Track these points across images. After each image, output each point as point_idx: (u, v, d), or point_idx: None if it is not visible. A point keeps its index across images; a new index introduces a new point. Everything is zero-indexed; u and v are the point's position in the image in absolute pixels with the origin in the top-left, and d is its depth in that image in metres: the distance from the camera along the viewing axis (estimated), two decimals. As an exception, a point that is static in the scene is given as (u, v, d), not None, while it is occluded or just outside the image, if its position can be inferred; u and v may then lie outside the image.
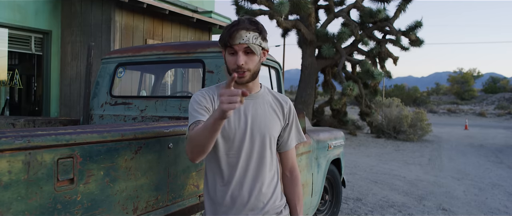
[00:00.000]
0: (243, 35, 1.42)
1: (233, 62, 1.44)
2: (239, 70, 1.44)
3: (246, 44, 1.42)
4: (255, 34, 1.44)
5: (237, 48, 1.43)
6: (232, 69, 1.45)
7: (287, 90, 49.19)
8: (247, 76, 1.46)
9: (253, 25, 1.44)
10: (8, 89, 7.05)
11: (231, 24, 1.45)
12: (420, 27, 12.23)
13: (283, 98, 1.64)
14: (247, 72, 1.45)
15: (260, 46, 1.47)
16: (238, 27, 1.42)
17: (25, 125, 2.73)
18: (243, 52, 1.43)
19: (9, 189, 1.14)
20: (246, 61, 1.44)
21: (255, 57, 1.46)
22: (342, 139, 4.00)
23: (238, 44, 1.42)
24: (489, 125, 24.48)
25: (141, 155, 1.58)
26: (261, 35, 1.47)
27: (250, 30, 1.43)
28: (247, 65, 1.44)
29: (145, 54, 2.72)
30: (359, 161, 8.30)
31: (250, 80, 1.49)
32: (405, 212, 4.60)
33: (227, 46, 1.44)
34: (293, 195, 1.66)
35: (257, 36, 1.45)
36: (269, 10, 10.65)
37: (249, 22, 1.45)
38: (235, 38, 1.42)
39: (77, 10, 6.17)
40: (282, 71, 2.92)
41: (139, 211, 1.59)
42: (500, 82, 55.09)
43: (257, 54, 1.46)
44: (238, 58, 1.43)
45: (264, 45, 1.49)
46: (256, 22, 1.47)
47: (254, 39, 1.44)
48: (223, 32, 1.47)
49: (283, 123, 1.61)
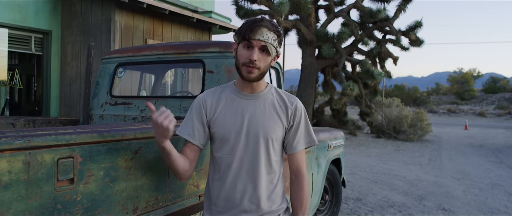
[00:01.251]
0: (264, 33, 1.42)
1: (247, 56, 1.44)
2: (250, 65, 1.44)
3: (265, 43, 1.42)
4: (274, 35, 1.45)
5: (254, 43, 1.43)
6: (243, 63, 1.45)
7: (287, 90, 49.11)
8: (256, 73, 1.46)
9: (274, 27, 1.45)
10: (8, 89, 7.05)
11: (253, 20, 1.45)
12: (420, 27, 12.23)
13: (289, 98, 1.58)
14: (257, 69, 1.45)
15: (276, 49, 1.47)
16: (261, 24, 1.42)
17: (25, 125, 2.73)
18: (259, 49, 1.44)
19: (9, 189, 1.14)
20: (259, 58, 1.44)
21: (268, 58, 1.47)
22: (342, 139, 4.00)
23: (258, 39, 1.42)
24: (489, 125, 24.48)
25: (141, 155, 1.58)
26: (278, 39, 1.47)
27: (271, 31, 1.44)
28: (259, 63, 1.44)
29: (145, 54, 2.72)
30: (359, 161, 8.30)
31: (257, 79, 1.48)
32: (405, 212, 4.60)
33: (244, 39, 1.44)
34: (296, 200, 1.58)
35: (275, 38, 1.45)
36: (269, 10, 10.65)
37: (270, 23, 1.46)
38: (256, 33, 1.42)
39: (77, 10, 6.17)
40: (282, 71, 2.92)
41: (139, 211, 1.59)
42: (500, 82, 55.07)
43: (272, 55, 1.47)
44: (253, 53, 1.42)
45: (278, 49, 1.50)
46: (277, 26, 1.48)
47: (273, 40, 1.44)
48: (243, 26, 1.46)
49: (287, 124, 1.55)
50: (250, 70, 1.45)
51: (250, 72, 1.45)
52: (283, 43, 1.69)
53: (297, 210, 1.58)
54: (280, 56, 1.73)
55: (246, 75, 1.46)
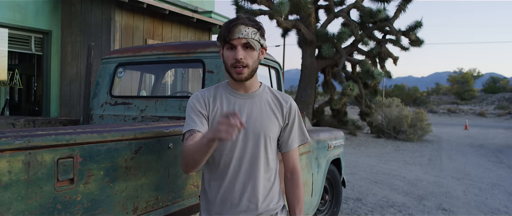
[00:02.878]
0: (242, 30, 1.42)
1: (232, 57, 1.44)
2: (237, 65, 1.43)
3: (245, 39, 1.42)
4: (253, 29, 1.44)
5: (235, 43, 1.42)
6: (231, 64, 1.45)
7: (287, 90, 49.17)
8: (246, 72, 1.45)
9: (251, 22, 1.45)
10: (8, 89, 7.05)
11: (229, 21, 1.45)
12: (420, 27, 12.22)
13: (283, 97, 1.60)
14: (245, 68, 1.45)
15: (258, 42, 1.46)
16: (237, 22, 1.42)
17: (25, 125, 2.73)
18: (242, 46, 1.43)
19: (9, 189, 1.14)
20: (245, 56, 1.43)
21: (254, 53, 1.46)
22: (342, 139, 4.00)
23: (237, 38, 1.42)
24: (489, 125, 24.48)
25: (141, 155, 1.58)
26: (259, 32, 1.47)
27: (249, 26, 1.43)
28: (246, 60, 1.44)
29: (145, 54, 2.72)
30: (359, 161, 8.30)
31: (248, 77, 1.48)
32: (405, 212, 4.60)
33: (226, 41, 1.44)
34: (293, 197, 1.62)
35: (255, 32, 1.45)
36: (269, 10, 10.64)
37: (247, 18, 1.45)
38: (234, 32, 1.41)
39: (77, 10, 6.17)
40: (282, 71, 2.92)
41: (139, 211, 1.59)
42: (500, 82, 55.04)
43: (256, 49, 1.46)
44: (237, 53, 1.42)
45: (262, 42, 1.49)
46: (255, 19, 1.48)
47: (253, 35, 1.44)
48: (222, 29, 1.46)
49: (282, 123, 1.57)
50: (239, 71, 1.45)
51: (240, 72, 1.45)
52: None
53: (294, 206, 1.61)
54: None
55: (237, 76, 1.46)
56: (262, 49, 1.51)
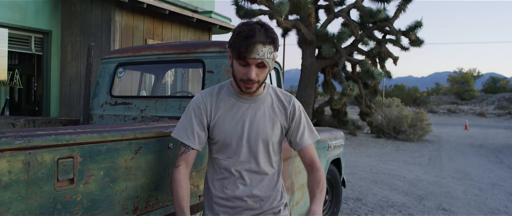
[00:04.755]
0: (259, 50, 1.37)
1: (244, 74, 1.41)
2: (249, 83, 1.42)
3: (261, 60, 1.38)
4: (270, 48, 1.39)
5: (251, 62, 1.39)
6: (240, 79, 1.44)
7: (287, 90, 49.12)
8: (255, 87, 1.46)
9: (269, 38, 1.38)
10: (8, 89, 7.06)
11: (246, 34, 1.37)
12: (420, 27, 12.22)
13: (286, 97, 1.60)
14: (255, 83, 1.44)
15: (272, 59, 1.43)
16: (255, 41, 1.35)
17: (25, 125, 2.73)
18: (256, 66, 1.41)
19: (9, 189, 1.14)
20: (257, 73, 1.42)
21: (266, 70, 1.44)
22: (342, 139, 4.00)
23: (253, 58, 1.37)
24: (489, 125, 24.47)
25: (141, 155, 1.58)
26: (274, 47, 1.42)
27: (266, 44, 1.37)
28: (258, 77, 1.43)
29: (145, 54, 2.72)
30: (359, 161, 8.30)
31: (256, 90, 1.49)
32: (405, 212, 4.60)
33: (240, 58, 1.39)
34: (313, 182, 1.58)
35: (272, 50, 1.41)
36: (269, 10, 10.64)
37: (265, 33, 1.38)
38: (251, 52, 1.36)
39: (77, 10, 6.17)
40: (282, 71, 2.92)
41: (139, 211, 1.59)
42: (500, 82, 55.02)
43: (269, 67, 1.44)
44: (250, 72, 1.39)
45: (275, 55, 1.45)
46: (272, 33, 1.40)
47: (269, 54, 1.40)
48: (237, 41, 1.38)
49: (287, 124, 1.58)
50: (248, 87, 1.44)
51: (249, 88, 1.44)
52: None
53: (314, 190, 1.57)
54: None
55: (246, 90, 1.46)
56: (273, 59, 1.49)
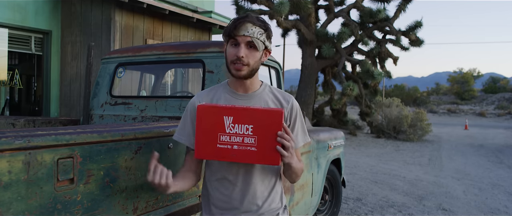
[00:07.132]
0: (249, 28, 1.40)
1: (233, 54, 1.42)
2: (237, 62, 1.42)
3: (250, 38, 1.40)
4: (260, 30, 1.43)
5: (240, 40, 1.41)
6: (231, 61, 1.43)
7: (287, 90, 49.14)
8: (245, 70, 1.43)
9: (259, 21, 1.43)
10: (8, 89, 7.06)
11: (238, 17, 1.45)
12: (420, 27, 12.22)
13: (284, 97, 1.57)
14: (245, 66, 1.43)
15: (263, 43, 1.45)
16: (245, 20, 1.41)
17: (25, 125, 2.73)
18: (246, 45, 1.42)
19: (9, 189, 1.14)
20: (247, 54, 1.42)
21: (256, 53, 1.44)
22: (342, 139, 4.00)
23: (242, 35, 1.40)
24: (489, 125, 24.47)
25: (141, 155, 1.58)
26: (266, 33, 1.45)
27: (256, 25, 1.42)
28: (247, 59, 1.42)
29: (145, 54, 2.72)
30: (359, 161, 8.30)
31: (247, 76, 1.46)
32: (405, 212, 4.60)
33: (230, 37, 1.43)
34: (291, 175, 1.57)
35: (262, 32, 1.43)
36: (269, 10, 10.64)
37: (257, 18, 1.44)
38: (240, 29, 1.40)
39: (77, 10, 6.17)
40: (282, 71, 2.92)
41: (139, 211, 1.59)
42: (500, 82, 55.05)
43: (259, 50, 1.44)
44: (239, 50, 1.41)
45: (267, 44, 1.47)
46: (263, 20, 1.46)
47: (259, 35, 1.42)
48: (229, 24, 1.45)
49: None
50: (238, 68, 1.43)
51: (239, 69, 1.43)
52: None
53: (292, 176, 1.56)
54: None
55: (236, 72, 1.44)
56: (266, 51, 1.49)
